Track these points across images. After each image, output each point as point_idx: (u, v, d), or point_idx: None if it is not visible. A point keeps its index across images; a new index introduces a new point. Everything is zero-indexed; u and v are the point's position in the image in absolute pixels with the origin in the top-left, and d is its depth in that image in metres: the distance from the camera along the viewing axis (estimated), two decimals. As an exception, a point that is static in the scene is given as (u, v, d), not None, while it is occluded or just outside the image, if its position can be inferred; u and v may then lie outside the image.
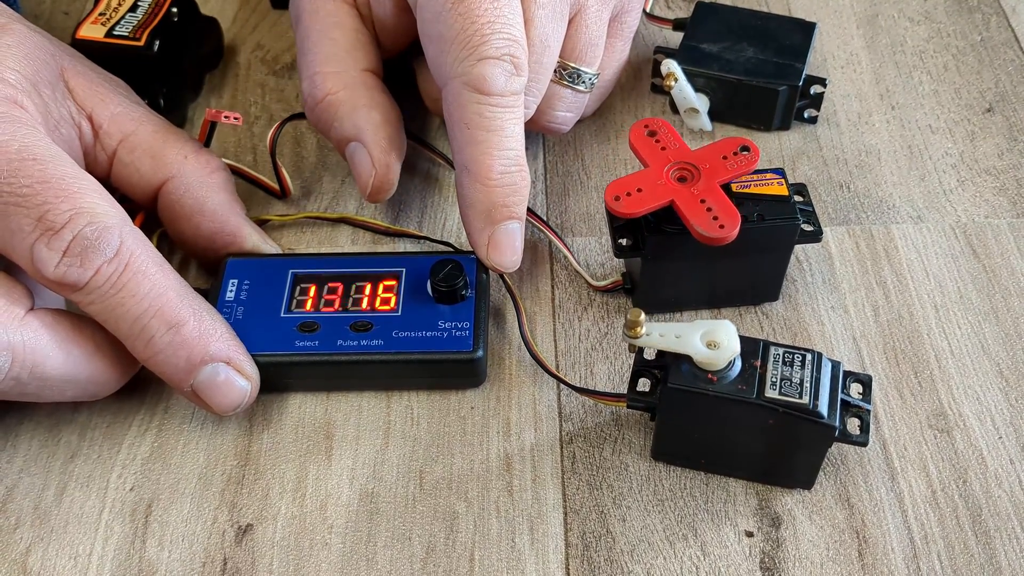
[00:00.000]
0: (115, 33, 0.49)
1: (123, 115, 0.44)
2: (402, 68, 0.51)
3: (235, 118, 0.45)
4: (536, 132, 0.49)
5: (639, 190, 0.40)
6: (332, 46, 0.46)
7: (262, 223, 0.47)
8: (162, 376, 0.39)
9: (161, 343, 0.38)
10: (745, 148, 0.41)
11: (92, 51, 0.48)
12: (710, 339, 0.35)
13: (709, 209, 0.39)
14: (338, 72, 0.46)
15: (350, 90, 0.46)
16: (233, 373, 0.39)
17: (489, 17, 0.40)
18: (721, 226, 0.39)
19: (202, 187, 0.44)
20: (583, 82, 0.46)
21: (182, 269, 0.47)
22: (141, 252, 0.38)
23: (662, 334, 0.37)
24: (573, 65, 0.46)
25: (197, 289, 0.41)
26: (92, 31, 0.49)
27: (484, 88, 0.40)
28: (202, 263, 0.46)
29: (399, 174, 0.46)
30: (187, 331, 0.38)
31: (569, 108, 0.47)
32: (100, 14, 0.50)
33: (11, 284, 0.38)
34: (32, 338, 0.37)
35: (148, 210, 0.45)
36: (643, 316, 0.36)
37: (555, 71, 0.45)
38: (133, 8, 0.50)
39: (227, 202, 0.45)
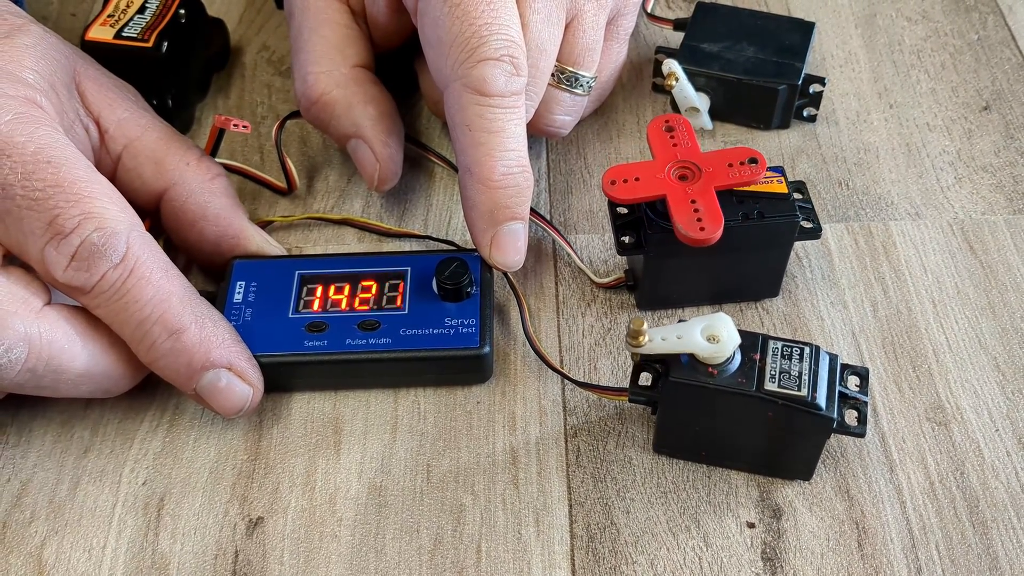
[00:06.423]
0: (124, 35, 0.50)
1: (129, 121, 0.44)
2: (400, 70, 0.52)
3: (244, 126, 0.45)
4: (535, 136, 0.50)
5: (636, 179, 0.41)
6: (323, 44, 0.47)
7: (265, 225, 0.48)
8: (166, 379, 0.40)
9: (163, 348, 0.39)
10: (753, 160, 0.42)
11: (101, 52, 0.48)
12: (710, 333, 0.36)
13: (696, 210, 0.40)
14: (329, 71, 0.47)
15: (343, 88, 0.47)
16: (235, 379, 0.40)
17: (486, 19, 0.41)
18: (702, 228, 0.39)
19: (203, 193, 0.44)
20: (581, 86, 0.47)
21: (189, 272, 0.47)
22: (147, 257, 0.38)
23: (664, 338, 0.37)
24: (571, 69, 0.46)
25: (205, 292, 0.42)
26: (101, 32, 0.50)
27: (484, 89, 0.41)
28: (208, 269, 0.47)
29: (401, 162, 0.48)
30: (188, 337, 0.39)
31: (567, 112, 0.48)
32: (109, 16, 0.51)
33: (29, 278, 0.39)
34: (48, 330, 0.38)
35: (152, 216, 0.45)
36: (645, 324, 0.36)
37: (552, 75, 0.46)
38: (141, 10, 0.51)
39: (229, 206, 0.45)
